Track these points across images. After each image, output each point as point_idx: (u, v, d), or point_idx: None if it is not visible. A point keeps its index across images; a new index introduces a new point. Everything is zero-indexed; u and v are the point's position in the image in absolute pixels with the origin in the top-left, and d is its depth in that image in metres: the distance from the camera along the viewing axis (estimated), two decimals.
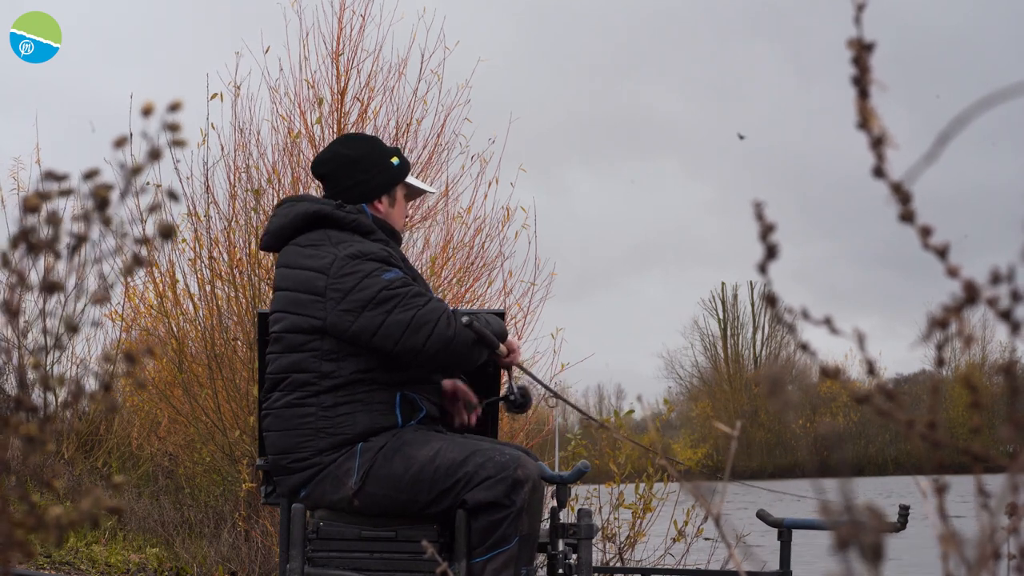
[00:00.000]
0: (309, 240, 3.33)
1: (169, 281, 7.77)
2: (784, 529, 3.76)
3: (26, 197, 0.90)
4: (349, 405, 3.25)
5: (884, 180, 0.85)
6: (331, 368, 3.25)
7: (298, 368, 3.27)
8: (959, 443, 0.95)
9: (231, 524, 7.35)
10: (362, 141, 3.57)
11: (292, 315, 3.29)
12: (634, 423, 10.64)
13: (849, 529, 0.86)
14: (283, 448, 3.29)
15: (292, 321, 3.28)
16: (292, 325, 3.28)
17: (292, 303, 3.29)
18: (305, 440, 3.25)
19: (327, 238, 3.31)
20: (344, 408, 3.25)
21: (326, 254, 3.27)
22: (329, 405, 3.25)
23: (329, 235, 3.32)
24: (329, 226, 3.34)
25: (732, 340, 42.31)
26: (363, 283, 3.21)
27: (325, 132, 7.51)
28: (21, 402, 0.88)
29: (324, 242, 3.31)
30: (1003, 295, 0.89)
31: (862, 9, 0.86)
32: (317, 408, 3.25)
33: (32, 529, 0.86)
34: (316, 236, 3.33)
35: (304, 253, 3.31)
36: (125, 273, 0.94)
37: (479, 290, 7.60)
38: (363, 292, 3.20)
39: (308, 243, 3.32)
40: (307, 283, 3.26)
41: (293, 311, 3.28)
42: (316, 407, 3.25)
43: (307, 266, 3.28)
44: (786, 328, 0.97)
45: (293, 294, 3.29)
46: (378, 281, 3.21)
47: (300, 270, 3.29)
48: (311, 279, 3.26)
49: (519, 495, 3.17)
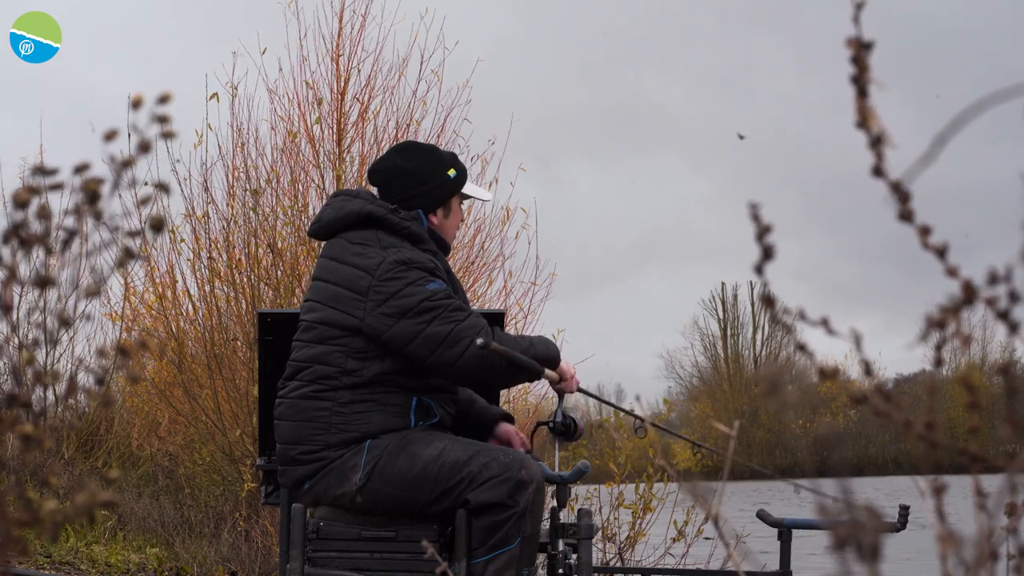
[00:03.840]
0: (359, 238, 3.32)
1: (168, 281, 7.77)
2: (784, 529, 3.76)
3: (16, 192, 0.90)
4: (365, 404, 3.25)
5: (883, 179, 0.85)
6: (356, 366, 3.25)
7: (322, 360, 3.27)
8: (957, 444, 0.95)
9: (231, 524, 7.35)
10: (420, 152, 3.52)
11: (329, 308, 3.28)
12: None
13: (848, 529, 0.85)
14: (293, 438, 3.29)
15: (327, 314, 3.28)
16: (326, 318, 3.28)
17: (331, 297, 3.28)
18: (316, 433, 3.25)
19: (377, 239, 3.31)
20: (360, 407, 3.25)
21: (374, 255, 3.26)
22: (345, 401, 3.25)
23: (380, 237, 3.32)
24: (381, 228, 3.34)
25: (732, 340, 42.30)
26: (406, 290, 3.21)
27: (324, 132, 7.51)
28: (16, 398, 0.88)
29: (373, 243, 3.30)
30: (1001, 295, 0.89)
31: (861, 8, 0.85)
32: (333, 403, 3.25)
33: (27, 525, 0.86)
34: (367, 235, 3.32)
35: (352, 250, 3.30)
36: (117, 266, 0.94)
37: (479, 290, 7.60)
38: (405, 299, 3.20)
39: (358, 240, 3.32)
40: (351, 280, 3.26)
41: (331, 304, 3.28)
42: (332, 402, 3.25)
43: (353, 263, 3.28)
44: (784, 329, 0.97)
45: (334, 288, 3.29)
46: (422, 290, 3.21)
47: (345, 265, 3.29)
48: (356, 277, 3.26)
49: (523, 496, 3.17)
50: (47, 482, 1.15)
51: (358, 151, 7.57)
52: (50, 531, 0.88)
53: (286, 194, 7.48)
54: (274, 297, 7.30)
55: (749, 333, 42.40)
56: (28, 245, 0.89)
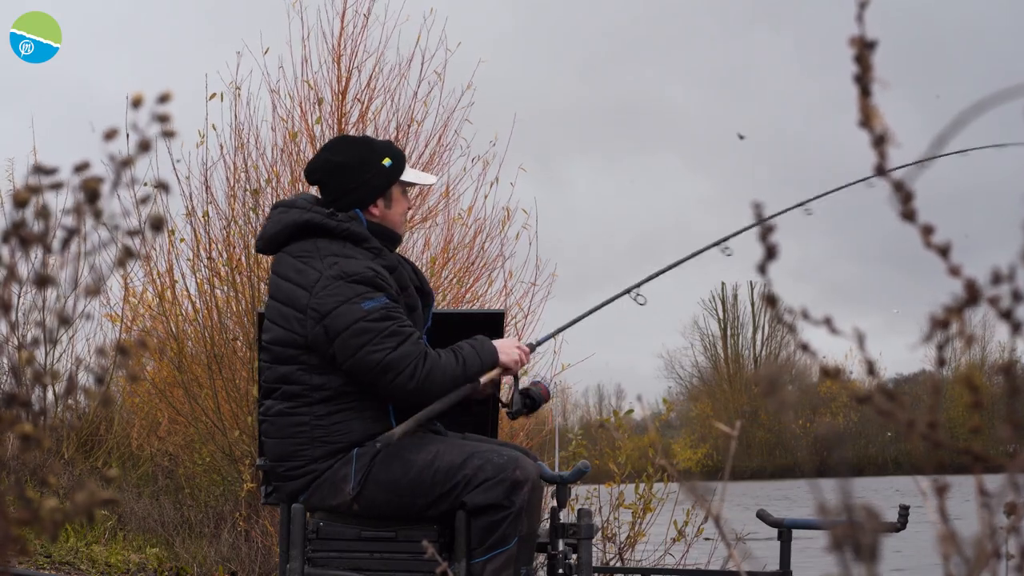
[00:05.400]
0: (300, 250, 3.29)
1: (168, 281, 7.77)
2: (784, 529, 3.76)
3: (15, 191, 0.90)
4: (343, 413, 3.24)
5: (886, 178, 0.85)
6: (321, 381, 3.24)
7: (288, 380, 3.26)
8: (959, 443, 0.95)
9: (231, 524, 7.35)
10: (351, 145, 3.47)
11: (278, 328, 3.27)
12: (634, 423, 10.63)
13: (847, 529, 0.85)
14: (279, 455, 3.29)
15: (278, 334, 3.27)
16: (279, 338, 3.27)
17: (279, 315, 3.27)
18: (300, 448, 3.25)
19: (316, 250, 3.26)
20: (338, 416, 3.24)
21: (312, 270, 3.23)
22: (323, 414, 3.24)
23: (319, 246, 3.27)
24: (320, 235, 3.29)
25: (732, 340, 42.30)
26: (340, 309, 3.17)
27: (325, 132, 7.51)
28: (15, 397, 0.88)
29: (313, 255, 3.26)
30: (1004, 295, 0.89)
31: (864, 7, 0.85)
32: (311, 417, 3.24)
33: (27, 524, 0.86)
34: (306, 246, 3.28)
35: (294, 266, 3.27)
36: (117, 265, 0.94)
37: (479, 290, 7.60)
38: (339, 319, 3.16)
39: (299, 253, 3.29)
40: (292, 298, 3.24)
41: (280, 324, 3.27)
42: (310, 416, 3.24)
43: (294, 280, 3.25)
44: (786, 328, 0.97)
45: (280, 307, 3.27)
46: (356, 310, 3.16)
47: (288, 283, 3.27)
48: (296, 295, 3.23)
49: (518, 496, 3.17)
50: (47, 482, 1.15)
51: None
52: (50, 530, 0.88)
53: (286, 194, 7.47)
54: None
55: (749, 333, 42.40)
56: (27, 244, 0.89)
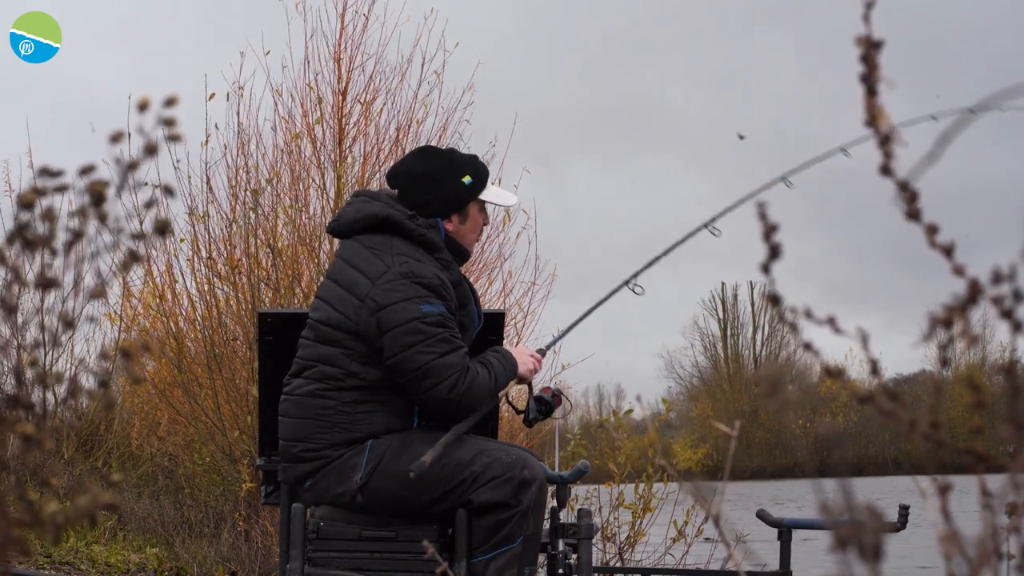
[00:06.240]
0: (373, 242, 3.30)
1: (168, 281, 7.77)
2: (784, 529, 3.76)
3: (21, 193, 0.90)
4: (369, 404, 3.25)
5: (891, 178, 0.85)
6: (359, 370, 3.24)
7: (327, 361, 3.26)
8: (961, 443, 0.95)
9: (231, 524, 7.35)
10: (434, 156, 3.47)
11: (332, 309, 3.28)
12: (634, 423, 10.63)
13: (848, 529, 0.85)
14: (296, 436, 3.28)
15: (330, 315, 3.27)
16: (329, 319, 3.27)
17: (336, 297, 3.28)
18: (320, 431, 3.25)
19: (390, 246, 3.28)
20: (364, 407, 3.25)
21: (382, 262, 3.24)
22: (350, 401, 3.25)
23: (393, 243, 3.29)
24: (397, 234, 3.31)
25: (732, 340, 42.30)
26: (400, 305, 3.18)
27: (325, 132, 7.51)
28: (18, 399, 0.88)
29: (386, 249, 3.27)
30: (1006, 294, 0.89)
31: (871, 6, 0.85)
32: (337, 402, 3.25)
33: (28, 526, 0.86)
34: (381, 240, 3.30)
35: (363, 254, 3.28)
36: (122, 269, 0.94)
37: (479, 290, 7.59)
38: (395, 314, 3.18)
39: (371, 244, 3.30)
40: (353, 284, 3.25)
41: (334, 305, 3.28)
42: (337, 401, 3.25)
43: (360, 268, 3.26)
44: (789, 328, 0.97)
45: (339, 289, 3.28)
46: (415, 309, 3.18)
47: (353, 269, 3.28)
48: (358, 282, 3.24)
49: (526, 495, 3.18)
50: (47, 482, 1.15)
51: (360, 151, 7.57)
52: (52, 532, 0.88)
53: (287, 194, 7.48)
54: (274, 297, 7.30)
55: (749, 333, 42.41)
56: (32, 246, 0.89)
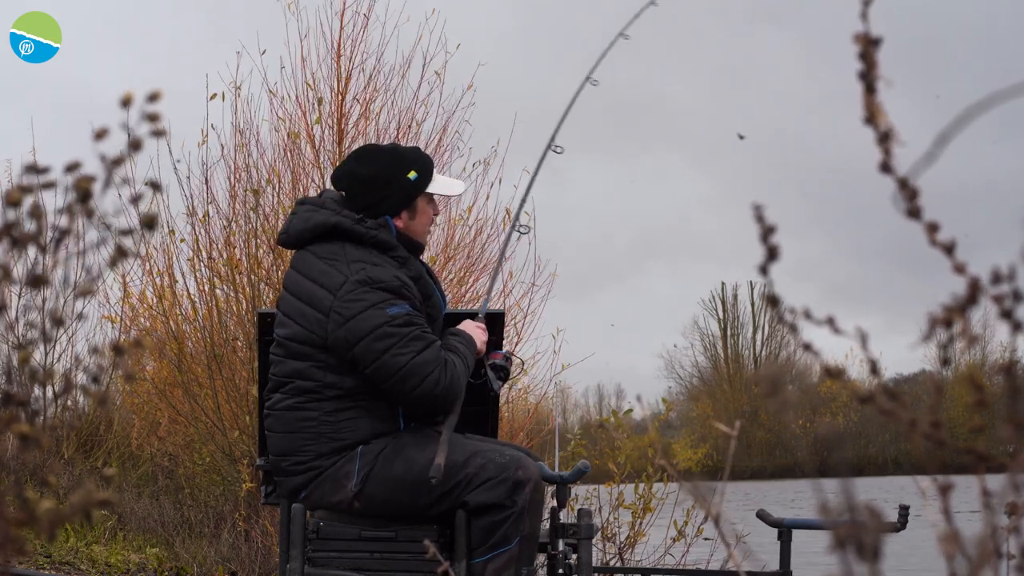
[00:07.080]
0: (326, 251, 3.28)
1: (168, 281, 7.77)
2: (784, 529, 3.76)
3: (8, 191, 0.89)
4: (352, 411, 3.24)
5: (891, 176, 0.84)
6: (335, 380, 3.23)
7: (301, 375, 3.26)
8: (961, 443, 0.94)
9: (231, 524, 7.34)
10: (377, 156, 3.42)
11: (296, 325, 3.26)
12: (634, 423, 10.62)
13: (848, 529, 0.85)
14: (283, 450, 3.28)
15: (296, 331, 3.26)
16: (296, 335, 3.26)
17: (298, 313, 3.26)
18: (306, 443, 3.24)
19: (344, 254, 3.26)
20: (347, 414, 3.24)
21: (338, 273, 3.22)
22: (331, 411, 3.24)
23: (346, 250, 3.26)
24: (348, 240, 3.28)
25: (732, 340, 42.29)
26: (365, 313, 3.17)
27: (325, 132, 7.50)
28: (12, 397, 0.88)
29: (340, 257, 3.25)
30: (1006, 294, 0.89)
31: (869, 3, 0.85)
32: (320, 413, 3.24)
33: (24, 524, 0.86)
34: (333, 249, 3.27)
35: (318, 266, 3.26)
36: (111, 264, 0.93)
37: (480, 290, 7.59)
38: (364, 323, 3.16)
39: (324, 255, 3.27)
40: (314, 299, 3.23)
41: (298, 321, 3.26)
42: (319, 412, 3.24)
43: (319, 281, 3.24)
44: (788, 329, 0.97)
45: (300, 304, 3.26)
46: (381, 315, 3.17)
47: (311, 282, 3.25)
48: (319, 297, 3.22)
49: (520, 496, 3.17)
50: (46, 482, 1.15)
51: None
52: (47, 530, 0.88)
53: (287, 194, 7.47)
54: (274, 297, 7.29)
55: (749, 333, 42.39)
56: (21, 244, 0.88)
